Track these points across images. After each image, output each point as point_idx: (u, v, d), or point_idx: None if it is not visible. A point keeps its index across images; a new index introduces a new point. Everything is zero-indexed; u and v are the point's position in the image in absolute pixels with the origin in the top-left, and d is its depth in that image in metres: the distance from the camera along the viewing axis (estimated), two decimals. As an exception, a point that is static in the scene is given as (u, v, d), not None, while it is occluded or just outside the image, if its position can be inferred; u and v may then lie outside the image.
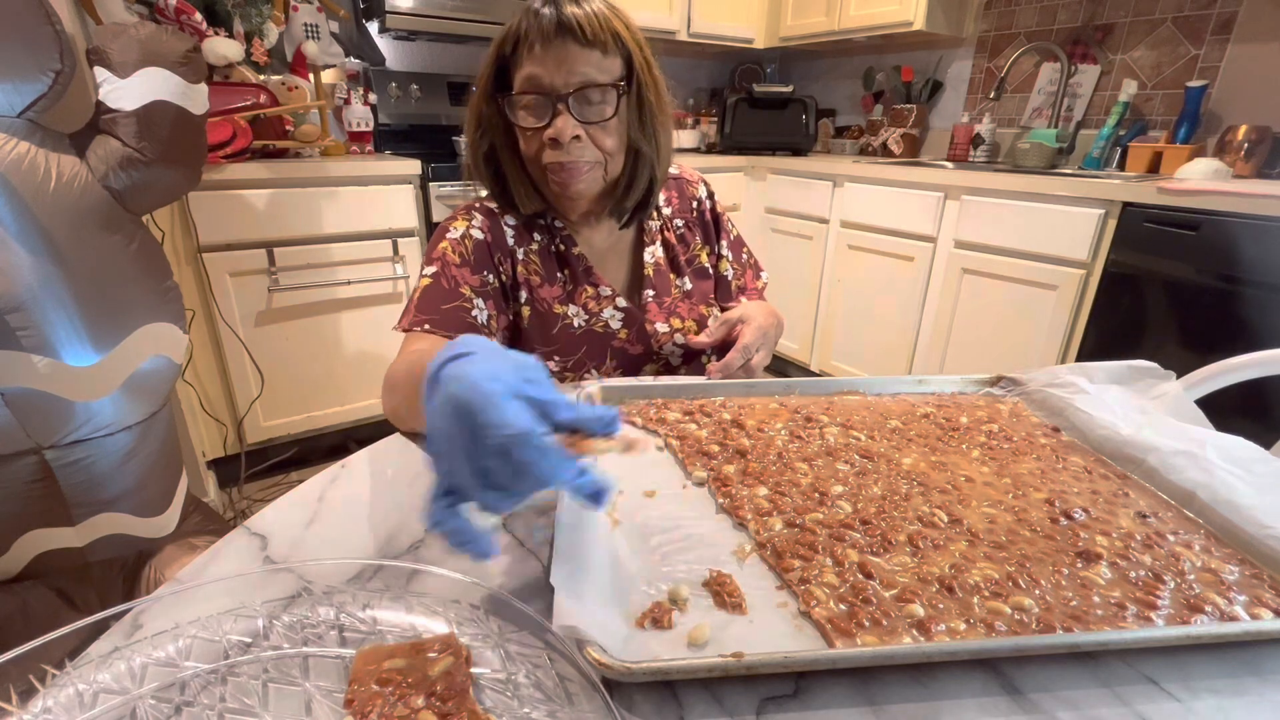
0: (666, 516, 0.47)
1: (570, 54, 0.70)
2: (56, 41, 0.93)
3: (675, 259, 0.90)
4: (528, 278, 0.82)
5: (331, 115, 2.03)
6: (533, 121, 0.73)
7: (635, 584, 0.40)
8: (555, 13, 0.69)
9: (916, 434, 0.60)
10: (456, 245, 0.78)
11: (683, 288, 0.89)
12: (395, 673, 0.31)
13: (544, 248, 0.83)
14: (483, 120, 0.77)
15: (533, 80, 0.71)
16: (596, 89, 0.71)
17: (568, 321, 0.82)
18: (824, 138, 2.93)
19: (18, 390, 0.93)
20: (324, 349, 1.82)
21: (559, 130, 0.71)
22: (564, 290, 0.83)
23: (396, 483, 0.52)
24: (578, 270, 0.84)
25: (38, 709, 0.29)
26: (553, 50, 0.70)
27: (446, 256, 0.77)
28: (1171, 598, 0.39)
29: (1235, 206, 1.38)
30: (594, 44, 0.70)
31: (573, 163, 0.74)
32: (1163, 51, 1.95)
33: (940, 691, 0.34)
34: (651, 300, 0.86)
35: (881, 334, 2.22)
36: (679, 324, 0.86)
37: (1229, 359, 0.82)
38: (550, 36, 0.69)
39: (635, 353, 0.84)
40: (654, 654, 0.34)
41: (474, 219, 0.81)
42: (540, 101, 0.72)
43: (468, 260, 0.78)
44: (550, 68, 0.70)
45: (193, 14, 1.51)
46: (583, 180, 0.76)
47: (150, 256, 1.11)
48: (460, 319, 0.74)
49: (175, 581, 0.40)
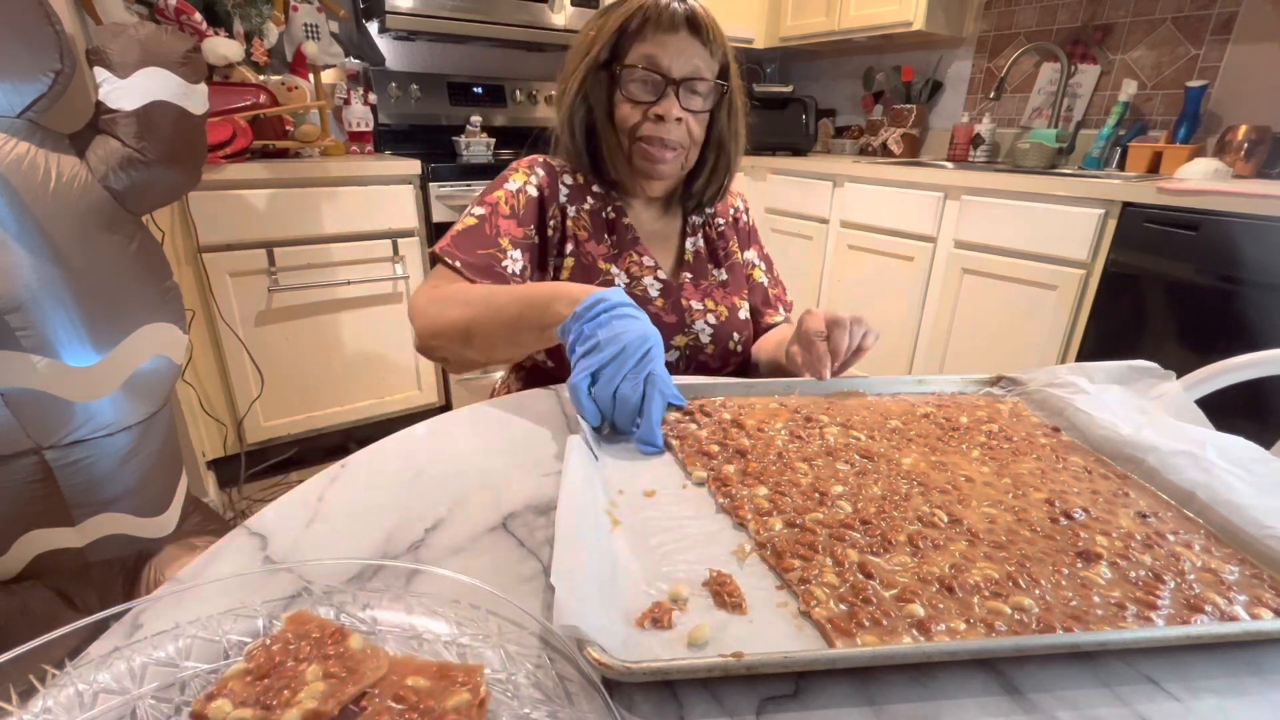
0: (667, 516, 0.47)
1: (689, 46, 0.78)
2: (56, 41, 0.94)
3: (715, 251, 0.95)
4: (576, 232, 0.86)
5: (331, 115, 2.03)
6: (644, 96, 0.80)
7: (635, 584, 0.40)
8: (687, 8, 0.78)
9: (916, 434, 0.60)
10: (510, 198, 0.83)
11: (719, 278, 0.93)
12: (412, 692, 0.30)
13: (595, 210, 0.88)
14: (586, 87, 0.82)
15: (652, 60, 0.78)
16: (703, 82, 0.80)
17: (609, 279, 0.86)
18: (824, 138, 2.93)
19: (18, 390, 0.93)
20: (324, 349, 1.82)
21: (665, 109, 0.79)
22: (609, 250, 0.87)
23: (396, 483, 0.52)
24: (625, 238, 0.88)
25: (38, 709, 0.29)
26: (675, 39, 0.78)
27: (499, 206, 0.82)
28: (1171, 598, 0.39)
29: (1235, 206, 1.38)
30: (708, 43, 0.80)
31: (668, 140, 0.81)
32: (1163, 51, 1.95)
33: (940, 691, 0.34)
34: (689, 281, 0.91)
35: (882, 334, 2.22)
36: (713, 306, 0.90)
37: (1229, 359, 0.82)
38: (677, 26, 0.78)
39: (668, 321, 0.87)
40: (654, 654, 0.34)
41: (534, 174, 0.86)
42: (654, 80, 0.79)
43: (516, 213, 0.83)
44: (671, 53, 0.78)
45: (193, 14, 1.51)
46: (669, 161, 0.83)
47: (150, 256, 1.11)
48: (491, 268, 0.78)
49: (175, 581, 0.40)
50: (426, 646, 0.35)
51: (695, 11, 0.78)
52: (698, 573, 0.41)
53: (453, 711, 0.29)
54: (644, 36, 0.78)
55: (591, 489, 0.47)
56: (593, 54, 0.81)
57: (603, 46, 0.80)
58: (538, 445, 0.58)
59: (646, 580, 0.40)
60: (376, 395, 1.96)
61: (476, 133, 2.12)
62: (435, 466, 0.54)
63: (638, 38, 0.79)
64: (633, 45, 0.79)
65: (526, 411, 0.65)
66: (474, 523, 0.47)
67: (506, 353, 0.71)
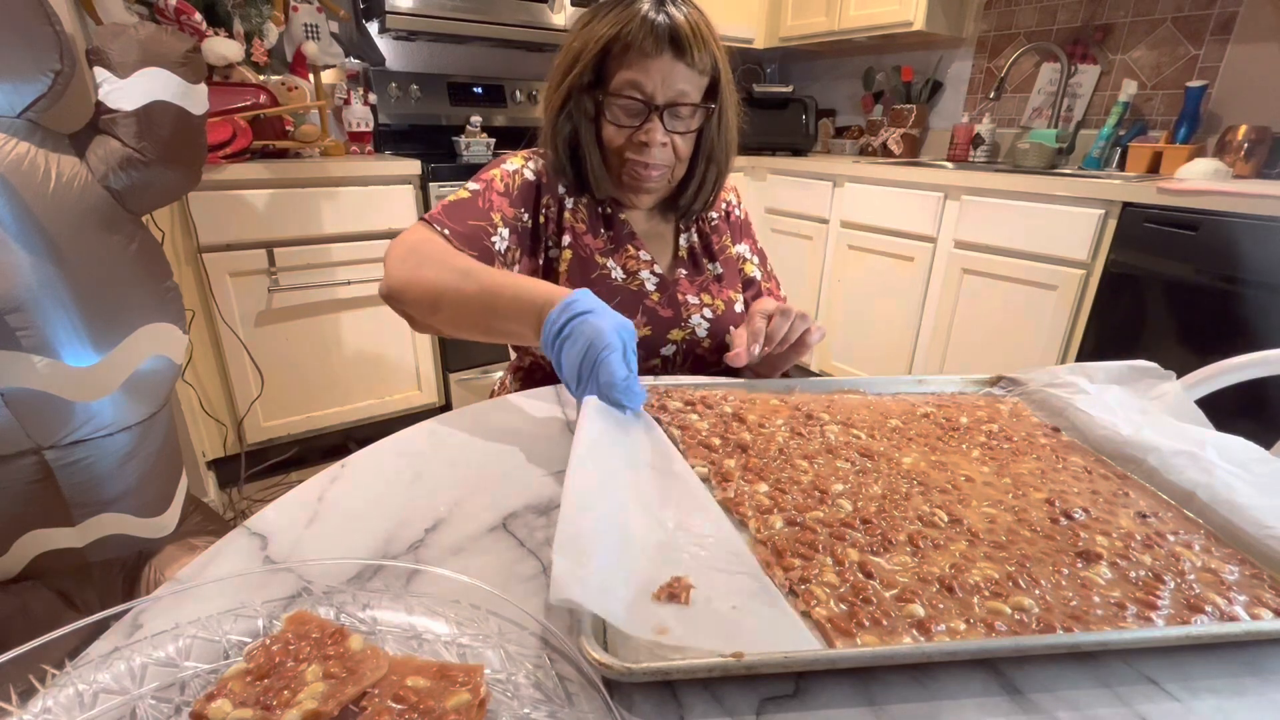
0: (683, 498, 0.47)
1: (673, 70, 0.76)
2: (56, 41, 0.93)
3: (709, 246, 0.95)
4: (573, 224, 0.86)
5: (331, 115, 2.03)
6: (627, 121, 0.79)
7: (647, 553, 0.40)
8: (669, 27, 0.75)
9: (916, 433, 0.60)
10: (506, 177, 0.83)
11: (714, 272, 0.94)
12: (412, 692, 0.30)
13: (592, 206, 0.88)
14: (570, 106, 0.81)
15: (635, 86, 0.76)
16: (687, 106, 0.79)
17: (605, 272, 0.85)
18: (824, 138, 2.93)
19: (18, 390, 0.93)
20: (324, 349, 1.82)
21: (650, 136, 0.78)
22: (606, 245, 0.87)
23: (396, 483, 0.52)
24: (621, 233, 0.88)
25: (38, 709, 0.29)
26: (659, 63, 0.75)
27: (494, 183, 0.82)
28: (1171, 598, 0.39)
29: (1235, 206, 1.38)
30: (694, 65, 0.77)
31: (653, 164, 0.81)
32: (1162, 51, 1.95)
33: (940, 691, 0.34)
34: (684, 277, 0.91)
35: (881, 334, 2.22)
36: (709, 300, 0.90)
37: (1229, 359, 0.82)
38: (660, 50, 0.75)
39: (664, 315, 0.87)
40: (659, 622, 0.35)
41: (531, 162, 0.86)
42: (637, 106, 0.78)
43: (510, 193, 0.82)
44: (655, 79, 0.76)
45: (193, 14, 1.51)
46: (654, 179, 0.83)
47: (150, 257, 1.11)
48: (479, 240, 0.77)
49: (175, 581, 0.40)
50: (426, 647, 0.35)
51: (679, 30, 0.75)
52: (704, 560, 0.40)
53: (453, 711, 0.29)
54: (627, 62, 0.76)
55: (614, 444, 0.47)
56: (575, 74, 0.79)
57: (585, 68, 0.78)
58: (538, 445, 0.58)
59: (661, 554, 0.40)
60: (376, 395, 1.96)
61: (476, 133, 2.12)
62: (435, 466, 0.54)
63: (621, 62, 0.77)
64: (616, 70, 0.77)
65: (526, 411, 0.65)
66: (474, 523, 0.47)
67: (472, 332, 0.68)
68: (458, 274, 0.67)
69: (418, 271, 0.69)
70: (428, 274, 0.68)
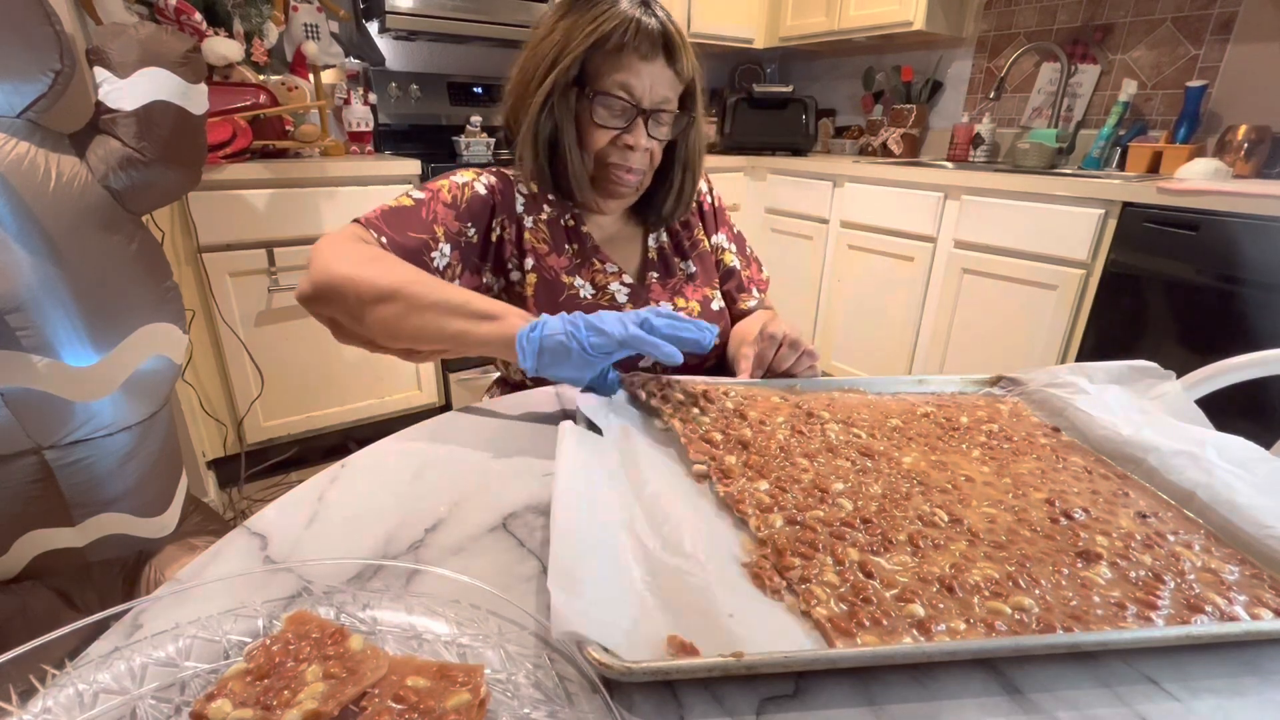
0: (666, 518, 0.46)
1: (662, 75, 0.76)
2: (56, 41, 0.94)
3: (680, 244, 0.93)
4: (535, 245, 0.83)
5: (331, 115, 2.03)
6: (612, 122, 0.77)
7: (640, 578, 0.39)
8: (662, 31, 0.75)
9: (917, 433, 0.60)
10: (454, 189, 0.79)
11: (687, 270, 0.92)
12: (412, 692, 0.30)
13: (553, 219, 0.85)
14: (553, 102, 0.78)
15: (625, 88, 0.75)
16: (669, 113, 0.79)
17: (574, 292, 0.83)
18: (824, 138, 2.93)
19: (18, 390, 0.93)
20: (324, 349, 1.82)
21: (635, 139, 0.77)
22: (571, 262, 0.85)
23: (396, 483, 0.52)
24: (586, 246, 0.86)
25: (38, 709, 0.29)
26: (650, 67, 0.75)
27: (440, 193, 0.78)
28: (1171, 598, 0.39)
29: (1235, 206, 1.38)
30: (680, 72, 0.77)
31: (633, 167, 0.80)
32: (1162, 51, 1.95)
33: (940, 691, 0.34)
34: (656, 281, 0.89)
35: (882, 334, 2.22)
36: (683, 303, 0.88)
37: (1229, 359, 0.82)
38: (655, 53, 0.75)
39: None
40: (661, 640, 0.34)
41: (483, 177, 0.82)
42: (625, 108, 0.76)
43: (457, 206, 0.78)
44: (645, 82, 0.75)
45: (193, 14, 1.51)
46: (630, 185, 0.82)
47: (150, 256, 1.11)
48: (417, 253, 0.73)
49: (175, 581, 0.40)
50: (426, 646, 0.35)
51: (670, 34, 0.75)
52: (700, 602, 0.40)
53: (453, 712, 0.29)
54: (620, 62, 0.74)
55: (594, 470, 0.47)
56: (560, 68, 0.75)
57: (572, 62, 0.75)
58: (538, 445, 0.58)
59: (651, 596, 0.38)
60: (376, 395, 1.96)
61: (476, 133, 2.12)
62: (435, 466, 0.54)
63: (612, 61, 0.74)
64: (606, 68, 0.75)
65: (526, 411, 0.65)
66: (474, 523, 0.47)
67: (413, 340, 0.64)
68: (409, 276, 0.64)
69: (358, 271, 0.63)
70: (367, 272, 0.63)
